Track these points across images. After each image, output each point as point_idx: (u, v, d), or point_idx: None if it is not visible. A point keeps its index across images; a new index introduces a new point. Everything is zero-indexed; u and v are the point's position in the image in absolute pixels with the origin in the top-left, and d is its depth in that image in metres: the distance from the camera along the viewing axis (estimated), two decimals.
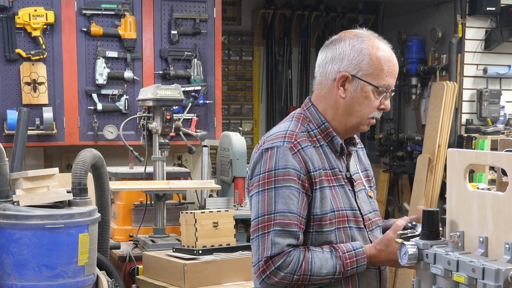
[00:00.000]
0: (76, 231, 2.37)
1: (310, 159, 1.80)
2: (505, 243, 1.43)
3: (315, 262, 1.75)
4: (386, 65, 1.81)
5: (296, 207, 1.76)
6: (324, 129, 1.87)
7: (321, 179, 1.80)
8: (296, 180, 1.76)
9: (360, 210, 1.88)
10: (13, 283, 2.32)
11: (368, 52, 1.82)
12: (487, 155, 1.57)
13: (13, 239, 2.31)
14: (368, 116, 1.85)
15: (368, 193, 1.95)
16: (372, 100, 1.82)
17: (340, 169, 1.87)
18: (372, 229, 1.91)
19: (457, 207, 1.59)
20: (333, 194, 1.82)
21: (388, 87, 1.83)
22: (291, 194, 1.76)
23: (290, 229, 1.74)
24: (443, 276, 1.52)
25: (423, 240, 1.60)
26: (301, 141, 1.81)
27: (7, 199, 2.41)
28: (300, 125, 1.87)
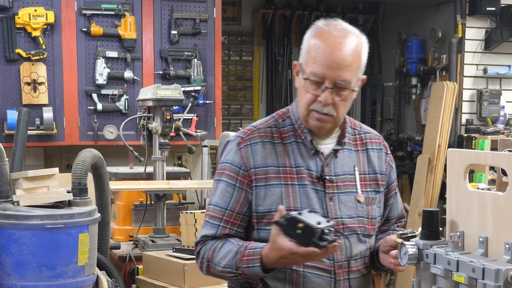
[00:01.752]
0: (76, 231, 2.37)
1: (254, 156, 1.76)
2: (505, 243, 1.43)
3: (220, 252, 1.74)
4: (315, 52, 1.70)
5: (225, 201, 1.77)
6: (298, 126, 1.80)
7: (267, 177, 1.74)
8: (231, 175, 1.77)
9: (326, 212, 1.75)
10: (13, 283, 2.32)
11: (309, 39, 1.75)
12: (487, 155, 1.57)
13: (13, 239, 2.31)
14: (306, 108, 1.75)
15: (358, 198, 1.80)
16: (306, 89, 1.73)
17: (310, 168, 1.77)
18: (345, 234, 1.77)
19: (457, 207, 1.59)
20: (287, 192, 1.74)
21: (315, 75, 1.70)
22: (224, 189, 1.77)
23: (213, 222, 1.78)
24: (443, 276, 1.52)
25: (423, 240, 1.60)
26: (254, 137, 1.78)
27: (7, 199, 2.41)
28: (271, 121, 1.83)
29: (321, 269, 1.74)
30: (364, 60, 1.76)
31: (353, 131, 1.89)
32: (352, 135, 1.88)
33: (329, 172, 1.78)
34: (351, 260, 1.78)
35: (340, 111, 1.74)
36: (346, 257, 1.77)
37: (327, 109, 1.71)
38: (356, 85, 1.74)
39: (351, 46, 1.70)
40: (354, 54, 1.70)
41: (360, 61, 1.73)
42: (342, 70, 1.68)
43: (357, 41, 1.73)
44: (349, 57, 1.69)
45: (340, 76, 1.68)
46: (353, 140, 1.88)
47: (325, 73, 1.68)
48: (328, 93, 1.69)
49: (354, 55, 1.70)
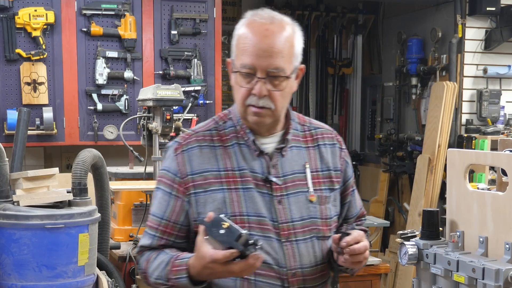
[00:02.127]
0: (76, 231, 2.37)
1: (191, 162, 1.66)
2: (505, 243, 1.43)
3: (153, 263, 1.66)
4: (242, 42, 1.61)
5: (161, 210, 1.69)
6: (240, 126, 1.70)
7: (207, 182, 1.64)
8: (167, 183, 1.68)
9: (275, 216, 1.64)
10: (13, 283, 2.32)
11: (237, 32, 1.65)
12: (487, 155, 1.57)
13: (13, 239, 2.31)
14: (242, 103, 1.64)
15: (309, 197, 1.69)
16: (239, 83, 1.63)
17: (254, 170, 1.66)
18: (297, 240, 1.65)
19: (457, 207, 1.59)
20: (231, 197, 1.63)
21: (245, 67, 1.59)
22: (161, 197, 1.70)
23: (149, 232, 1.71)
24: (443, 276, 1.52)
25: (423, 240, 1.60)
26: (191, 142, 1.69)
27: (7, 199, 2.41)
28: (211, 123, 1.74)
29: (273, 277, 1.63)
30: (298, 48, 1.68)
31: (302, 128, 1.78)
32: (302, 131, 1.77)
33: (276, 173, 1.67)
34: (305, 268, 1.67)
35: (278, 102, 1.63)
36: (299, 264, 1.65)
37: (263, 101, 1.61)
38: (291, 73, 1.65)
39: (279, 32, 1.62)
40: (284, 40, 1.62)
41: (292, 47, 1.65)
42: (272, 58, 1.59)
43: (287, 27, 1.65)
44: (279, 43, 1.60)
45: (272, 64, 1.59)
46: (303, 136, 1.77)
47: (255, 63, 1.58)
48: (261, 83, 1.59)
49: (285, 41, 1.62)
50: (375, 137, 6.29)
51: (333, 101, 6.56)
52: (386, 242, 5.74)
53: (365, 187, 6.37)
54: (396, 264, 5.21)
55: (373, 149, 6.37)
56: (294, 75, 1.68)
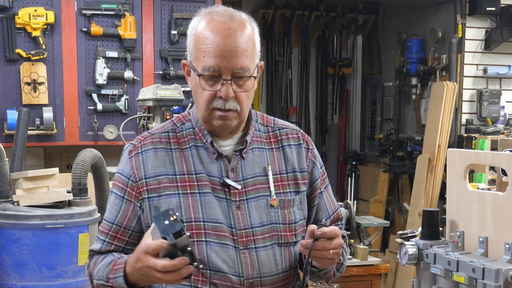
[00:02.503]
0: (76, 231, 2.38)
1: (145, 165, 1.58)
2: (505, 243, 1.43)
3: (98, 265, 1.59)
4: (203, 43, 1.51)
5: (113, 215, 1.61)
6: (199, 128, 1.62)
7: (161, 186, 1.55)
8: (120, 187, 1.60)
9: (232, 222, 1.56)
10: (13, 283, 2.32)
11: (194, 32, 1.55)
12: (487, 155, 1.57)
13: (13, 239, 2.31)
14: (207, 107, 1.55)
15: (270, 202, 1.59)
16: (202, 86, 1.53)
17: (212, 174, 1.58)
18: (256, 247, 1.56)
19: (457, 207, 1.59)
20: (186, 202, 1.54)
21: (210, 69, 1.51)
22: (114, 201, 1.62)
23: (100, 237, 1.63)
24: (443, 276, 1.52)
25: (423, 240, 1.60)
26: (146, 144, 1.61)
27: (7, 199, 2.42)
28: (169, 125, 1.65)
29: (229, 286, 1.54)
30: (258, 45, 1.58)
31: (265, 128, 1.69)
32: (265, 132, 1.68)
33: (235, 177, 1.58)
34: (264, 277, 1.56)
35: (244, 103, 1.55)
36: (258, 274, 1.55)
37: (230, 104, 1.53)
38: (255, 72, 1.56)
39: (241, 30, 1.51)
40: (247, 38, 1.52)
41: (254, 45, 1.55)
42: (237, 58, 1.50)
43: (247, 24, 1.54)
44: (242, 41, 1.51)
45: (237, 64, 1.50)
46: (266, 137, 1.67)
47: (220, 65, 1.50)
48: (227, 86, 1.51)
49: (247, 39, 1.52)
50: (375, 137, 6.29)
51: (333, 101, 6.56)
52: (386, 242, 5.74)
53: (365, 187, 6.37)
54: (396, 264, 5.22)
55: (373, 149, 6.37)
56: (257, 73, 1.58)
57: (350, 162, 6.42)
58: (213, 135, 1.61)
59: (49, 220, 2.32)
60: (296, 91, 6.36)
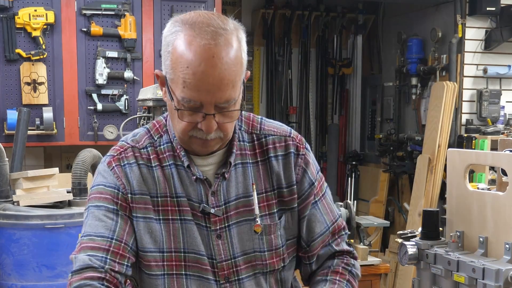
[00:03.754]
0: (76, 231, 2.38)
1: (131, 178, 1.41)
2: (505, 243, 1.43)
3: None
4: (183, 72, 1.29)
5: (109, 229, 1.38)
6: (176, 145, 1.44)
7: (146, 207, 1.40)
8: (109, 199, 1.40)
9: (213, 254, 1.42)
10: (13, 283, 2.32)
11: (172, 49, 1.31)
12: (487, 155, 1.57)
13: (13, 239, 2.31)
14: (185, 134, 1.37)
15: (254, 228, 1.43)
16: (180, 117, 1.34)
17: (191, 199, 1.42)
18: (239, 278, 1.44)
19: (457, 207, 1.59)
20: (167, 229, 1.40)
21: (190, 102, 1.31)
22: (104, 215, 1.39)
23: (98, 254, 1.36)
24: (443, 276, 1.52)
25: (423, 240, 1.59)
26: (128, 157, 1.43)
27: (7, 199, 2.42)
28: (146, 137, 1.47)
29: None
30: (245, 59, 1.35)
31: (250, 137, 1.50)
32: (250, 141, 1.49)
33: (216, 202, 1.42)
34: None
35: (228, 130, 1.39)
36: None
37: (213, 135, 1.36)
38: (240, 97, 1.37)
39: (228, 56, 1.29)
40: (234, 64, 1.30)
41: (242, 66, 1.33)
42: (222, 91, 1.30)
43: (233, 41, 1.31)
44: (228, 71, 1.29)
45: (221, 98, 1.31)
46: (251, 148, 1.49)
47: (202, 99, 1.30)
48: (209, 120, 1.32)
49: (235, 65, 1.30)
50: (375, 137, 6.29)
51: (333, 101, 6.56)
52: (386, 242, 5.74)
53: (365, 187, 6.37)
54: (396, 264, 5.21)
55: (373, 149, 6.37)
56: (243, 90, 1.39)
57: (350, 162, 6.42)
58: (192, 153, 1.44)
59: (49, 220, 2.32)
60: (296, 91, 6.36)
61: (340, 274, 1.52)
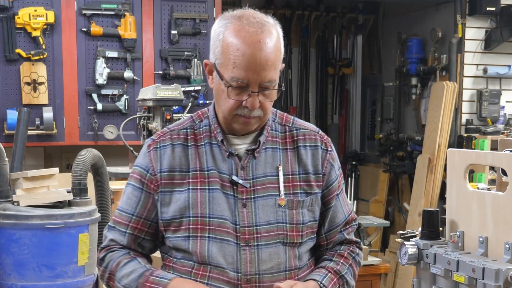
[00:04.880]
0: (76, 231, 2.37)
1: (162, 159, 1.64)
2: (505, 243, 1.43)
3: (124, 268, 1.63)
4: (233, 54, 1.52)
5: (132, 206, 1.66)
6: (214, 126, 1.66)
7: (174, 182, 1.62)
8: (138, 179, 1.66)
9: (237, 219, 1.60)
10: (13, 283, 2.32)
11: (223, 37, 1.55)
12: (487, 155, 1.57)
13: (13, 239, 2.31)
14: (230, 113, 1.58)
15: (278, 201, 1.62)
16: (228, 95, 1.56)
17: (222, 171, 1.62)
18: (258, 245, 1.59)
19: (457, 207, 1.59)
20: (195, 198, 1.60)
21: (238, 81, 1.53)
22: (132, 193, 1.67)
23: (119, 228, 1.68)
24: (443, 276, 1.52)
25: (423, 240, 1.59)
26: (164, 140, 1.66)
27: (7, 199, 2.41)
28: (188, 121, 1.70)
29: (226, 282, 1.58)
30: (283, 50, 1.60)
31: (283, 128, 1.71)
32: (282, 132, 1.70)
33: (245, 175, 1.62)
34: (262, 274, 1.59)
35: (267, 110, 1.61)
36: (256, 270, 1.58)
37: (255, 112, 1.57)
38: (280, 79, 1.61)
39: (271, 42, 1.54)
40: (275, 50, 1.55)
41: (281, 54, 1.58)
42: (266, 71, 1.53)
43: (274, 32, 1.56)
44: (272, 55, 1.54)
45: (266, 77, 1.54)
46: (282, 137, 1.69)
47: (249, 77, 1.53)
48: (254, 97, 1.55)
49: (276, 50, 1.55)
50: (375, 137, 6.30)
51: (333, 101, 6.56)
52: (386, 242, 5.74)
53: (365, 187, 6.37)
54: (396, 264, 5.22)
55: (373, 149, 6.37)
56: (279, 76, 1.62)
57: (350, 162, 6.42)
58: (228, 133, 1.65)
59: (49, 220, 2.32)
60: (296, 91, 6.36)
61: (344, 258, 1.73)
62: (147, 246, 1.70)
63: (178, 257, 1.64)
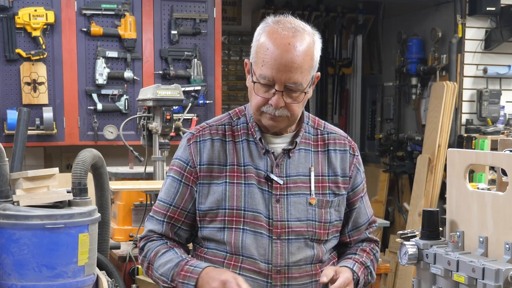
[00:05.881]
0: (76, 231, 2.37)
1: (201, 153, 1.73)
2: (505, 243, 1.43)
3: (161, 258, 1.72)
4: (263, 53, 1.63)
5: (170, 197, 1.76)
6: (251, 124, 1.75)
7: (212, 175, 1.71)
8: (178, 171, 1.75)
9: (270, 214, 1.70)
10: (13, 283, 2.32)
11: (258, 38, 1.67)
12: (487, 155, 1.57)
13: (13, 239, 2.31)
14: (257, 109, 1.69)
15: (309, 200, 1.72)
16: (256, 91, 1.67)
17: (258, 168, 1.72)
18: (288, 239, 1.70)
19: (457, 207, 1.59)
20: (231, 191, 1.70)
21: (265, 78, 1.63)
22: (171, 184, 1.77)
23: (157, 217, 1.78)
24: (443, 276, 1.52)
25: (423, 240, 1.59)
26: (204, 134, 1.76)
27: (7, 199, 2.41)
28: (225, 118, 1.80)
29: (257, 272, 1.68)
30: (317, 58, 1.69)
31: (315, 131, 1.82)
32: (314, 135, 1.81)
33: (279, 173, 1.72)
34: (291, 266, 1.70)
35: (294, 111, 1.69)
36: (285, 262, 1.69)
37: (280, 111, 1.66)
38: (308, 86, 1.68)
39: (301, 47, 1.62)
40: (304, 54, 1.63)
41: (312, 60, 1.66)
42: (291, 73, 1.62)
43: (308, 39, 1.65)
44: (299, 58, 1.62)
45: (290, 79, 1.63)
46: (314, 140, 1.80)
47: (274, 76, 1.62)
48: (278, 96, 1.64)
49: (305, 55, 1.63)
50: (375, 137, 6.29)
51: (333, 101, 6.56)
52: (386, 242, 5.74)
53: None
54: (396, 264, 5.22)
55: (373, 149, 6.37)
56: (311, 85, 1.71)
57: None
58: (264, 131, 1.74)
59: (49, 220, 2.31)
60: None
61: (367, 253, 1.85)
62: (183, 235, 1.78)
63: (210, 247, 1.73)
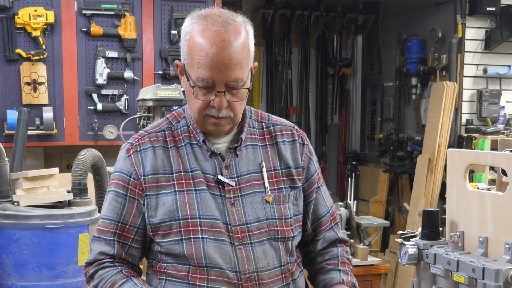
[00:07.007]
0: (76, 231, 2.38)
1: (144, 163, 1.60)
2: (505, 243, 1.43)
3: None
4: (197, 54, 1.51)
5: (116, 213, 1.60)
6: (193, 126, 1.64)
7: (159, 185, 1.58)
8: (121, 184, 1.61)
9: (228, 219, 1.58)
10: (13, 283, 2.32)
11: (189, 37, 1.54)
12: (487, 155, 1.57)
13: (13, 239, 2.31)
14: (199, 113, 1.57)
15: (265, 198, 1.61)
16: (196, 95, 1.55)
17: (206, 171, 1.60)
18: (251, 242, 1.58)
19: (457, 207, 1.59)
20: (182, 199, 1.57)
21: (203, 81, 1.52)
22: (114, 199, 1.62)
23: (105, 237, 1.61)
24: (443, 276, 1.52)
25: (423, 240, 1.60)
26: (144, 143, 1.63)
27: (7, 199, 2.42)
28: (165, 123, 1.67)
29: (227, 282, 1.55)
30: (253, 48, 1.59)
31: (260, 125, 1.71)
32: (259, 128, 1.70)
33: (229, 174, 1.61)
34: (260, 271, 1.58)
35: (237, 110, 1.58)
36: (254, 268, 1.57)
37: (223, 112, 1.56)
38: (248, 80, 1.58)
39: (236, 41, 1.51)
40: (242, 48, 1.52)
41: (249, 52, 1.56)
42: (231, 70, 1.51)
43: (241, 30, 1.54)
44: (237, 54, 1.51)
45: (231, 77, 1.52)
46: (260, 134, 1.70)
47: (213, 77, 1.51)
48: (220, 97, 1.53)
49: (242, 49, 1.53)
50: (375, 137, 6.29)
51: (333, 101, 6.56)
52: (386, 242, 5.74)
53: (365, 187, 6.37)
54: (396, 264, 5.21)
55: (373, 149, 6.37)
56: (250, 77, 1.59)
57: (350, 162, 6.42)
58: (207, 134, 1.63)
59: (49, 220, 2.32)
60: (296, 91, 6.36)
61: (347, 264, 1.75)
62: (135, 254, 1.64)
63: (170, 262, 1.59)
